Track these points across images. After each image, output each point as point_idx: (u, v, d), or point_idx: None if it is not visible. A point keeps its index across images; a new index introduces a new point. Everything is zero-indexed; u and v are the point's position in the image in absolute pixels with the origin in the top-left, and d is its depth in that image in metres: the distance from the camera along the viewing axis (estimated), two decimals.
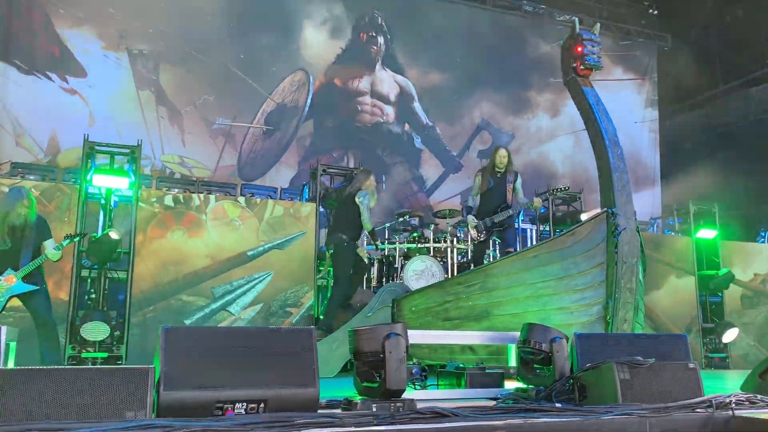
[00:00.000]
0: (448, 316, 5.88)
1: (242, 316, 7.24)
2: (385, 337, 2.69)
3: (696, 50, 16.47)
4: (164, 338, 2.49)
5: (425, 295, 6.13)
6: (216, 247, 7.26)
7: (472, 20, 13.92)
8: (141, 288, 6.86)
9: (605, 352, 3.39)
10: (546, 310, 5.35)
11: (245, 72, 11.64)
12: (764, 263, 10.15)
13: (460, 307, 5.81)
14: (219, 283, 7.22)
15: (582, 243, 5.31)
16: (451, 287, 5.98)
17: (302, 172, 11.29)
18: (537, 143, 14.03)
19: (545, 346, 3.46)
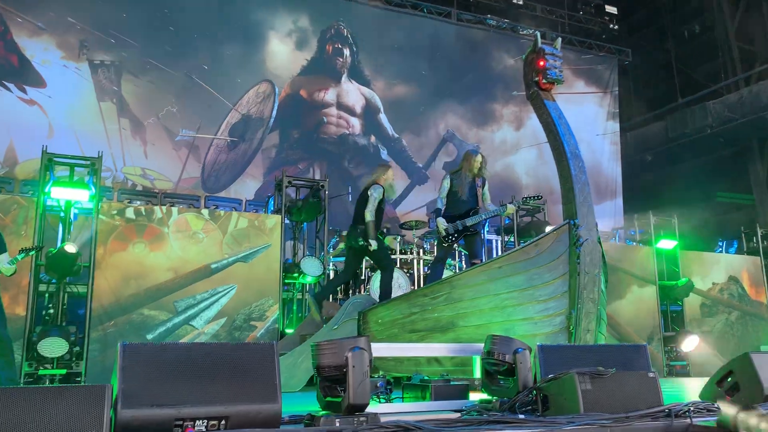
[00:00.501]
0: (414, 328, 5.87)
1: (206, 330, 7.12)
2: (348, 350, 2.67)
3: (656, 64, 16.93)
4: (122, 355, 2.43)
5: (391, 307, 6.11)
6: (179, 260, 7.14)
7: (437, 33, 14.08)
8: (101, 302, 6.70)
9: (568, 362, 3.41)
10: (510, 320, 5.38)
11: (210, 83, 11.54)
12: (722, 272, 10.40)
13: (426, 318, 5.81)
14: (182, 297, 7.09)
15: (545, 254, 5.35)
16: (417, 299, 5.97)
17: (267, 183, 11.20)
18: (502, 155, 14.19)
19: (509, 358, 3.48)
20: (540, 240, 5.41)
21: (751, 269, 10.74)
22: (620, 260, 9.44)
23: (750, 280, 10.62)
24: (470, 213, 6.52)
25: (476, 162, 6.62)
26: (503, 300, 5.43)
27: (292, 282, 8.07)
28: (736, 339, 10.09)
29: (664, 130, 16.09)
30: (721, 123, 14.77)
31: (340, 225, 9.47)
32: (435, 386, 3.69)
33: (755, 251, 11.12)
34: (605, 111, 15.83)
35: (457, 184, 6.54)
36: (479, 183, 6.61)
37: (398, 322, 5.99)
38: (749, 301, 10.47)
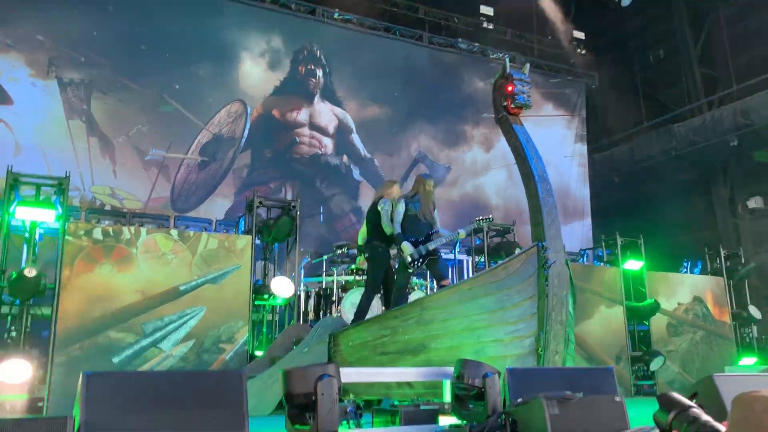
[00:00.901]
0: (384, 350, 5.86)
1: (174, 353, 7.01)
2: (317, 378, 2.66)
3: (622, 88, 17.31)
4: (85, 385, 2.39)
5: (362, 329, 6.09)
6: (147, 281, 7.03)
7: (409, 56, 14.25)
8: (66, 325, 6.56)
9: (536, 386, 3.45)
10: (481, 342, 5.40)
11: (181, 102, 11.48)
12: (687, 293, 10.60)
13: (397, 341, 5.80)
14: (149, 319, 6.97)
15: (514, 276, 5.40)
16: (388, 321, 5.97)
17: (238, 203, 11.13)
18: (472, 176, 14.34)
19: (478, 382, 3.50)
20: (509, 262, 5.46)
21: (715, 289, 10.96)
22: (588, 281, 9.56)
23: (714, 300, 10.83)
24: (430, 237, 6.50)
25: (429, 185, 6.62)
26: (474, 322, 5.46)
27: (262, 303, 8.00)
28: (701, 358, 10.26)
29: (631, 152, 16.44)
30: (686, 146, 15.15)
31: (311, 245, 9.48)
32: (405, 411, 3.69)
33: (719, 272, 11.36)
34: (573, 133, 16.12)
35: (414, 209, 6.50)
36: (431, 207, 6.64)
37: (369, 345, 5.98)
38: (713, 321, 10.67)
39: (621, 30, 18.02)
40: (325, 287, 8.68)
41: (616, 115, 17.58)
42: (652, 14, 17.43)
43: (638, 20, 17.66)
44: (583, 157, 16.19)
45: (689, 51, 16.16)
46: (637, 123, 16.74)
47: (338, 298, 8.30)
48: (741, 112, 13.95)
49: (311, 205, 11.50)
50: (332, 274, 8.61)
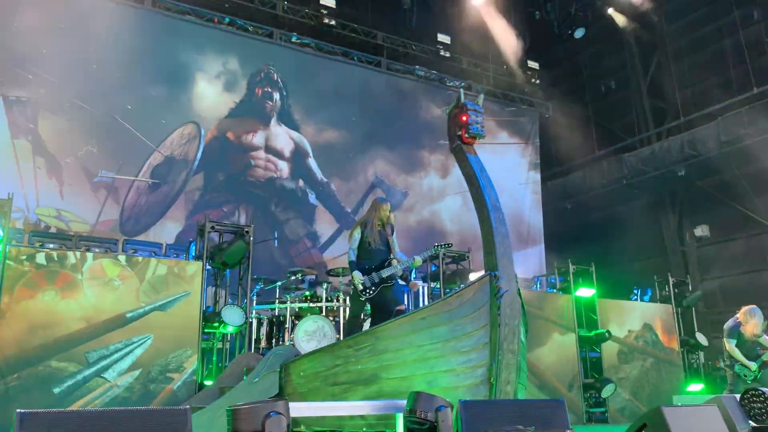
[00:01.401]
0: (336, 381, 5.75)
1: (118, 383, 6.77)
2: (265, 416, 2.58)
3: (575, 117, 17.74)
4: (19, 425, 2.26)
5: (314, 359, 5.98)
6: (92, 308, 6.79)
7: (367, 81, 14.33)
8: (4, 354, 6.28)
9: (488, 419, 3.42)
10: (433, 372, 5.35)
11: (132, 123, 11.22)
12: (637, 320, 10.80)
13: (349, 371, 5.70)
14: (94, 348, 6.73)
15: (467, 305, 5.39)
16: (341, 350, 5.87)
17: (189, 227, 10.88)
18: (429, 201, 14.41)
19: (431, 416, 3.46)
20: (462, 291, 5.44)
21: (663, 317, 11.21)
22: (542, 308, 9.65)
23: (663, 327, 11.07)
24: (384, 264, 6.38)
25: (385, 210, 6.52)
26: (427, 351, 5.41)
27: (212, 331, 7.80)
28: (651, 385, 10.44)
29: (583, 181, 16.82)
30: (635, 175, 15.57)
31: (264, 272, 9.30)
32: None
33: (667, 299, 11.63)
34: (527, 161, 16.40)
35: (368, 234, 6.40)
36: (389, 231, 6.53)
37: (321, 375, 5.86)
38: (662, 348, 10.89)
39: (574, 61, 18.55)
40: (278, 314, 8.53)
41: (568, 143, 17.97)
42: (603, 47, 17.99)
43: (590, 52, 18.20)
44: (537, 185, 16.46)
45: (639, 83, 16.71)
46: (589, 152, 17.15)
47: (291, 325, 8.16)
48: (688, 143, 14.44)
49: (265, 230, 11.32)
50: (285, 301, 8.47)
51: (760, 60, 14.02)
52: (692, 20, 16.06)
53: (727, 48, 15.11)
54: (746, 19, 14.68)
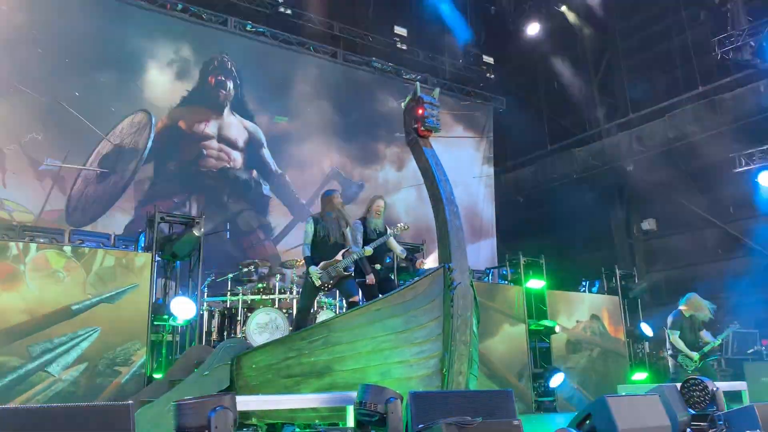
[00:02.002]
0: (289, 373, 5.72)
1: (63, 377, 6.59)
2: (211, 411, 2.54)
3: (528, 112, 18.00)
4: None
5: (267, 351, 5.93)
6: (35, 301, 6.59)
7: (323, 72, 14.21)
8: None
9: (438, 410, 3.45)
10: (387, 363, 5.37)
11: (80, 110, 10.85)
12: (585, 311, 11.07)
13: (302, 363, 5.68)
14: (37, 341, 6.54)
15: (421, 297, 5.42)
16: (294, 343, 5.84)
17: (139, 218, 10.60)
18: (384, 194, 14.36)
19: (380, 408, 3.47)
20: (416, 283, 5.47)
21: (610, 308, 11.51)
22: (493, 299, 9.80)
23: (609, 318, 11.37)
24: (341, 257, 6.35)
25: (336, 202, 6.52)
26: (380, 343, 5.42)
27: (162, 324, 7.66)
28: (598, 375, 10.72)
29: (535, 175, 17.10)
30: (586, 169, 15.92)
31: (216, 264, 9.16)
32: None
33: (614, 291, 11.94)
34: (481, 155, 16.56)
35: (322, 228, 6.38)
36: (343, 224, 6.54)
37: (273, 367, 5.82)
38: (609, 339, 11.19)
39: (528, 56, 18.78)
40: (230, 307, 8.42)
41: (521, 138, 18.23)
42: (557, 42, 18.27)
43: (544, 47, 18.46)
44: (490, 178, 16.65)
45: (591, 79, 17.04)
46: (541, 146, 17.44)
47: (243, 318, 8.07)
48: (636, 139, 14.83)
49: (217, 221, 11.13)
50: (238, 293, 8.37)
51: (705, 59, 14.46)
52: (642, 19, 16.45)
53: (674, 47, 15.54)
54: (693, 20, 15.11)
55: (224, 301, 8.54)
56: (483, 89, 17.00)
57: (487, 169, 16.59)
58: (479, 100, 16.76)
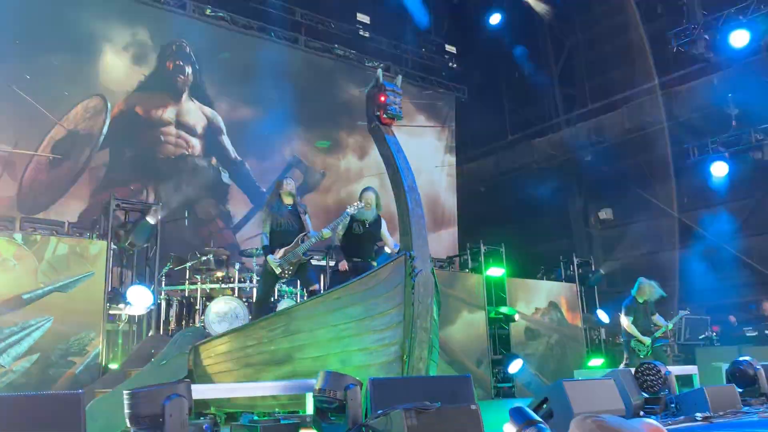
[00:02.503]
0: (249, 362, 5.68)
1: (14, 368, 6.41)
2: (165, 399, 2.49)
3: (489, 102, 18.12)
4: None
5: (226, 340, 5.87)
6: None
7: (285, 58, 14.01)
8: None
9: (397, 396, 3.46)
10: (347, 351, 5.37)
11: (31, 94, 10.47)
12: (544, 298, 11.25)
13: (263, 351, 5.64)
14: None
15: (382, 285, 5.42)
16: (254, 331, 5.79)
17: (94, 205, 10.31)
18: (346, 182, 14.36)
19: (339, 395, 3.46)
20: (378, 271, 5.47)
21: (568, 295, 11.73)
22: (453, 287, 9.88)
23: (567, 305, 11.58)
24: (299, 242, 6.31)
25: (286, 188, 6.43)
26: (341, 331, 5.41)
27: (117, 313, 7.51)
28: (556, 360, 10.92)
29: (496, 164, 17.25)
30: (545, 160, 16.14)
31: (174, 251, 8.98)
32: (264, 426, 3.57)
33: (572, 278, 12.16)
34: (443, 144, 16.61)
35: (277, 216, 6.32)
36: (301, 210, 6.48)
37: (233, 356, 5.77)
38: (567, 325, 11.41)
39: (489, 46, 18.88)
40: (188, 296, 8.29)
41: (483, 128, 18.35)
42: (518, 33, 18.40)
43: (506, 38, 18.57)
44: (452, 168, 16.72)
45: (551, 70, 17.24)
46: (502, 136, 17.60)
47: (202, 307, 7.96)
48: (594, 130, 15.08)
49: (175, 209, 10.90)
50: (196, 282, 8.24)
51: (662, 52, 14.75)
52: (602, 11, 16.68)
53: (633, 40, 15.80)
54: (651, 13, 15.39)
55: (182, 290, 8.41)
56: (445, 78, 17.03)
57: (449, 158, 16.65)
58: (441, 90, 16.78)
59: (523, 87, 18.05)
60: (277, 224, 6.28)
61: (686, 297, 14.27)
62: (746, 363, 5.54)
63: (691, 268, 14.76)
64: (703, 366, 8.61)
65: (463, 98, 17.36)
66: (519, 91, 18.19)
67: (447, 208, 16.21)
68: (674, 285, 14.50)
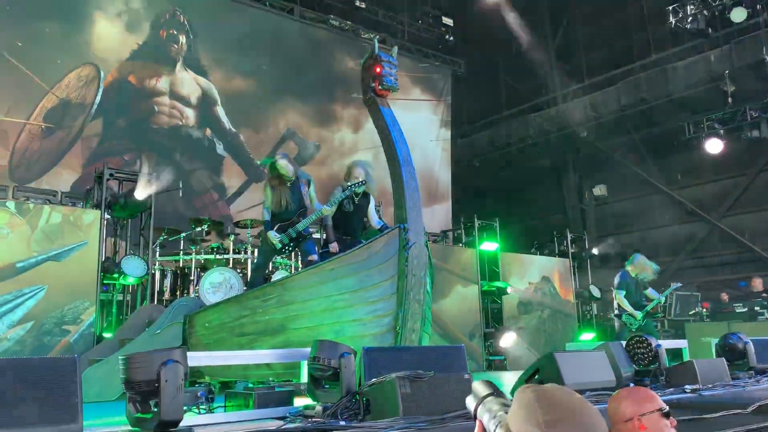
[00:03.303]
0: (243, 332, 5.70)
1: (8, 336, 6.42)
2: (161, 364, 2.51)
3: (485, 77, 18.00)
4: None
5: (220, 310, 5.89)
6: None
7: (280, 29, 13.86)
8: None
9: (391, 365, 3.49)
10: (341, 322, 5.40)
11: (23, 62, 10.33)
12: (537, 273, 11.31)
13: (257, 321, 5.66)
14: None
15: (376, 256, 5.44)
16: (248, 301, 5.81)
17: (87, 175, 10.23)
18: (339, 156, 14.31)
19: (334, 363, 3.48)
20: (372, 243, 5.48)
21: (561, 270, 11.79)
22: (446, 260, 9.91)
23: (560, 280, 11.65)
24: (300, 217, 6.27)
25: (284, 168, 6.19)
26: (334, 302, 5.44)
27: (112, 283, 7.51)
28: (548, 335, 11.02)
29: (491, 139, 17.21)
30: (540, 135, 16.10)
31: (167, 222, 8.96)
32: (258, 394, 3.60)
33: (565, 254, 12.22)
34: (439, 118, 16.54)
35: (280, 191, 6.24)
36: (303, 182, 6.42)
37: (227, 326, 5.79)
38: (559, 300, 11.49)
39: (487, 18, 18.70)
40: (183, 266, 8.30)
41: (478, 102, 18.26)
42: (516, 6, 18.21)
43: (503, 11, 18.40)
44: (447, 142, 16.67)
45: (547, 45, 17.11)
46: (498, 111, 17.53)
47: (197, 277, 7.97)
48: (590, 106, 15.03)
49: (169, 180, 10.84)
50: (190, 252, 8.24)
51: (660, 29, 14.66)
52: None
53: (630, 15, 15.69)
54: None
55: (177, 261, 8.41)
56: (441, 52, 16.88)
57: (445, 132, 16.59)
58: (437, 63, 16.65)
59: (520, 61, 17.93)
60: (278, 201, 6.22)
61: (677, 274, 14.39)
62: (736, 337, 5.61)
63: (682, 246, 14.87)
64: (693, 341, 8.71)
65: (459, 72, 17.24)
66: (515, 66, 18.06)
67: (441, 183, 16.19)
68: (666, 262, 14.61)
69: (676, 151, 14.72)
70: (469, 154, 17.74)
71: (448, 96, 16.79)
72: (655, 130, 15.10)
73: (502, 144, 16.94)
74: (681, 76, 13.29)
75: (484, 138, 17.57)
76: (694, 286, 13.00)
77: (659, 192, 15.37)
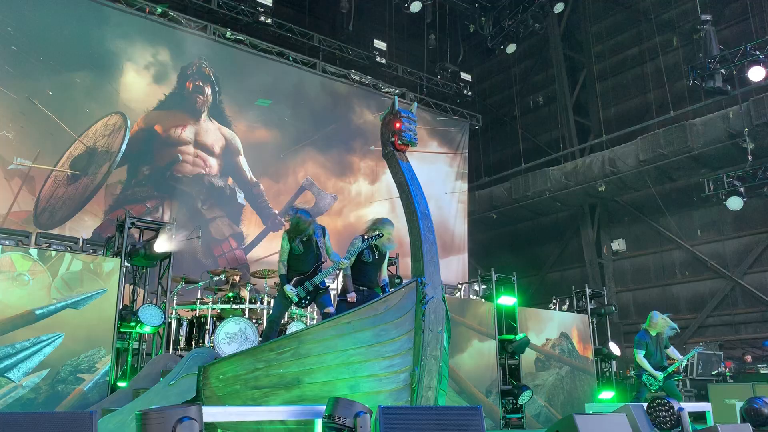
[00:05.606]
0: (257, 384, 5.65)
1: (24, 383, 6.42)
2: (176, 421, 2.49)
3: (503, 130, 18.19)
4: None
5: (235, 362, 5.85)
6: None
7: (302, 82, 14.19)
8: None
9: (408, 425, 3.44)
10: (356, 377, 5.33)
11: (53, 110, 10.65)
12: (555, 329, 11.15)
13: (271, 374, 5.61)
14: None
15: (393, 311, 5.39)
16: (263, 354, 5.76)
17: (108, 222, 10.39)
18: (357, 207, 14.41)
19: (349, 422, 3.44)
20: (389, 296, 5.45)
21: (580, 326, 11.61)
22: (463, 314, 9.81)
23: (579, 336, 11.47)
24: (317, 270, 6.25)
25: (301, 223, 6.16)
26: (350, 356, 5.38)
27: (128, 331, 7.52)
28: (566, 392, 10.78)
29: (509, 192, 17.26)
30: (559, 188, 16.11)
31: (186, 271, 9.02)
32: None
33: (584, 309, 12.06)
34: (455, 171, 16.66)
35: (297, 244, 6.21)
36: (319, 235, 6.43)
37: (241, 378, 5.74)
38: (578, 356, 11.28)
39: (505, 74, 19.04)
40: (199, 315, 8.30)
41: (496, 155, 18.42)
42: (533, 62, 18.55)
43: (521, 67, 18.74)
44: (463, 194, 16.74)
45: (565, 100, 17.31)
46: (515, 164, 17.63)
47: (212, 327, 7.96)
48: (608, 160, 15.05)
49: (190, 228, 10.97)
50: (207, 301, 8.25)
51: (677, 85, 14.79)
52: (617, 42, 16.80)
53: (648, 71, 15.88)
54: (666, 45, 15.47)
55: (193, 310, 8.42)
56: (459, 106, 17.14)
57: (461, 185, 16.68)
58: (455, 117, 16.89)
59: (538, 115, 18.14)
60: (294, 255, 6.22)
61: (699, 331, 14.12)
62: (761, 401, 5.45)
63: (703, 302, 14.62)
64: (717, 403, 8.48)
65: (477, 125, 17.46)
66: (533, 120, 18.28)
67: (457, 235, 16.19)
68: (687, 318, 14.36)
69: (695, 206, 14.64)
70: (486, 207, 17.78)
71: (465, 149, 16.95)
72: (674, 185, 15.07)
73: (519, 197, 16.97)
74: (700, 133, 13.31)
75: (502, 190, 17.62)
76: (716, 345, 12.73)
77: (679, 247, 15.22)
